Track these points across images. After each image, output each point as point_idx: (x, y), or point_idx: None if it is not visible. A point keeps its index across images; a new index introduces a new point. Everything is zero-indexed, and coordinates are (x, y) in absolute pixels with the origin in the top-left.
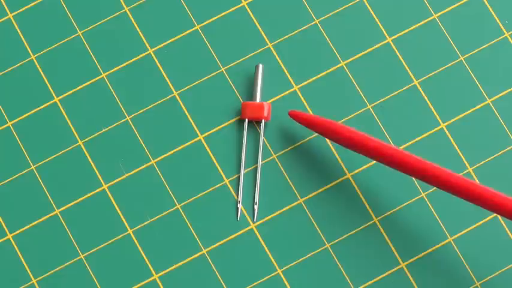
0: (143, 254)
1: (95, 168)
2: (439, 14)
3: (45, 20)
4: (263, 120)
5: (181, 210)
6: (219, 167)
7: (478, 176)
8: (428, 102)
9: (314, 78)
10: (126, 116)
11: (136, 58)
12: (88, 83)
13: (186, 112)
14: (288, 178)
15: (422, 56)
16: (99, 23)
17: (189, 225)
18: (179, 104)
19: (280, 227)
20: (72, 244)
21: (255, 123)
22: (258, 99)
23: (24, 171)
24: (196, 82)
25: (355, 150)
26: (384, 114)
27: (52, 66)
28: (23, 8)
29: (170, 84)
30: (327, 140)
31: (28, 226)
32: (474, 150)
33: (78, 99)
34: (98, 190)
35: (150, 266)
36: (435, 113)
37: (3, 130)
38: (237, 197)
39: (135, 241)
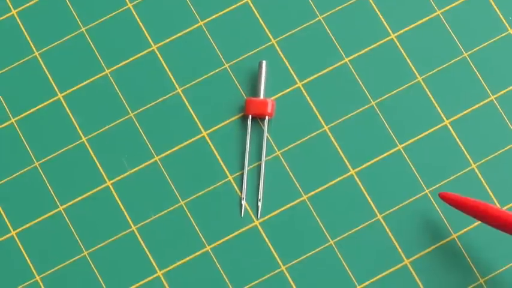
0: (147, 251)
1: (98, 165)
2: (443, 10)
3: (49, 17)
4: (267, 117)
5: (185, 207)
6: (222, 164)
7: (481, 173)
8: (432, 98)
9: (318, 74)
10: (130, 112)
11: (140, 54)
12: (92, 79)
13: (190, 108)
14: (291, 175)
15: (425, 52)
16: (102, 20)
17: (192, 221)
18: (183, 100)
19: (284, 223)
20: (75, 241)
21: (258, 119)
22: (261, 96)
23: (27, 168)
24: (200, 78)
25: (506, 231)
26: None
27: (56, 63)
28: (27, 5)
29: (174, 81)
30: (331, 137)
31: (32, 223)
32: (478, 147)
33: (81, 95)
34: (101, 187)
35: (153, 262)
36: (439, 109)
37: (7, 127)
38: (241, 194)
39: (139, 238)
